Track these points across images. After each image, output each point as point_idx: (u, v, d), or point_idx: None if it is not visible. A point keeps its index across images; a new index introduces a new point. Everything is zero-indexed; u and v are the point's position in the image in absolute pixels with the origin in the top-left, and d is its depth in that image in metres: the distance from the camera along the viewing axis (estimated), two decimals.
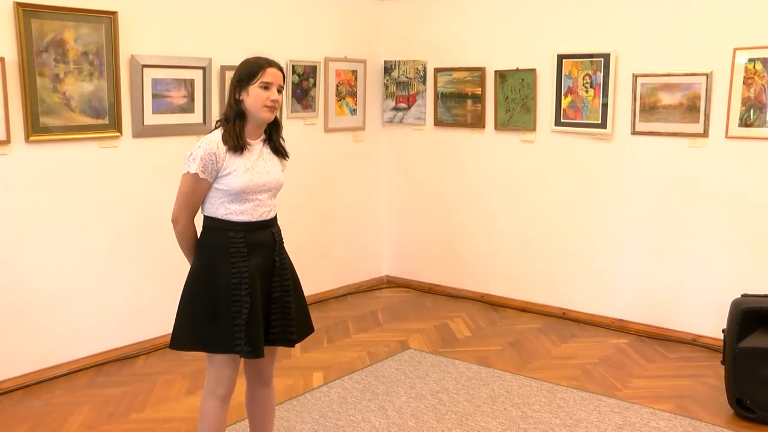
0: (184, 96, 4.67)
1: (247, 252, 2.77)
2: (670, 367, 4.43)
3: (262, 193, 2.82)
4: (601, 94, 4.95)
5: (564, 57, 5.09)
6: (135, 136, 4.49)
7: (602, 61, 4.92)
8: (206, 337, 2.76)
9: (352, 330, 5.11)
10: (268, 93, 2.76)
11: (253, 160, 2.80)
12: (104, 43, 4.25)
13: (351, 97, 5.85)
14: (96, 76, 4.25)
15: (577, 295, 5.28)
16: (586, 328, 5.13)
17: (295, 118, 5.44)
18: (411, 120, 6.01)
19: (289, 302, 2.88)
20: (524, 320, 5.32)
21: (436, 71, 5.79)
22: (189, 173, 2.73)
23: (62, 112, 4.14)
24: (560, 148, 5.24)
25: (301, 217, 5.52)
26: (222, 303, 2.74)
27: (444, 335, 5.01)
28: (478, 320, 5.32)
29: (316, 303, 5.52)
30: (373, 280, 6.26)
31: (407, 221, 6.18)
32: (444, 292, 5.97)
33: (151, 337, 4.67)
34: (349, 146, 5.93)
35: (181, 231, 2.83)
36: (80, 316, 4.36)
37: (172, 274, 4.43)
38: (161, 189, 4.49)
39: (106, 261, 4.45)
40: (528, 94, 5.30)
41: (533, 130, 5.33)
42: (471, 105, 5.63)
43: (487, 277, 5.74)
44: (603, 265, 5.14)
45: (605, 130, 4.98)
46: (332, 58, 5.64)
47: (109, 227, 4.45)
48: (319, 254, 5.75)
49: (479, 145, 5.65)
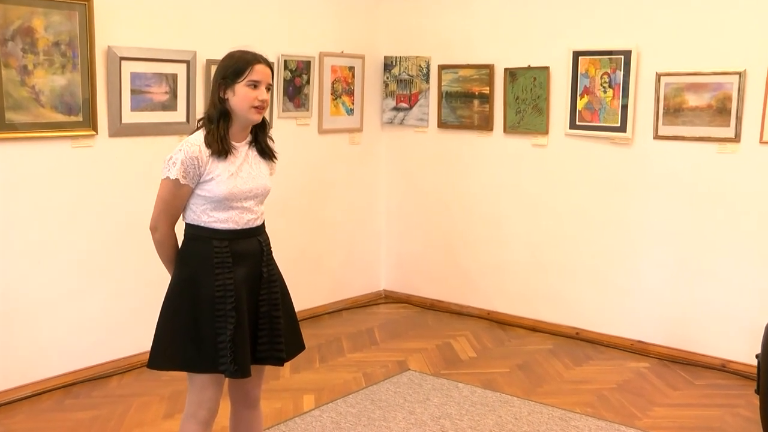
0: (166, 92, 4.66)
1: (232, 262, 2.77)
2: (696, 395, 4.40)
3: (248, 199, 2.82)
4: (620, 94, 4.94)
5: (580, 54, 5.09)
6: (111, 136, 4.47)
7: (622, 59, 4.92)
8: (188, 356, 2.75)
9: (346, 349, 5.10)
10: (257, 92, 2.76)
11: (237, 165, 2.79)
12: (78, 33, 4.24)
13: (348, 95, 5.84)
14: (69, 69, 4.23)
15: (592, 313, 5.27)
16: (603, 350, 5.11)
17: (287, 117, 5.43)
18: (413, 121, 6.01)
19: (277, 317, 2.87)
20: (534, 340, 5.31)
21: (441, 68, 5.79)
22: (169, 178, 2.73)
23: (31, 108, 4.12)
24: (575, 153, 5.23)
25: (292, 226, 5.51)
26: (205, 318, 2.73)
27: (447, 356, 4.99)
28: (484, 340, 5.31)
29: (307, 319, 5.52)
30: (369, 295, 6.25)
31: (407, 231, 6.17)
32: (447, 308, 5.96)
33: (126, 355, 4.64)
34: (345, 149, 5.93)
35: (160, 240, 2.83)
36: (47, 332, 4.33)
37: (151, 286, 4.41)
38: (140, 194, 4.48)
39: (77, 272, 4.42)
40: (540, 94, 5.30)
41: (546, 133, 5.33)
42: (478, 105, 5.63)
43: (493, 293, 5.73)
44: (621, 282, 5.12)
45: (625, 134, 4.97)
46: (328, 52, 5.64)
47: (82, 235, 4.42)
48: (311, 266, 5.74)
49: (487, 149, 5.65)
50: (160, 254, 2.86)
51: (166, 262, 2.87)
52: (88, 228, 4.44)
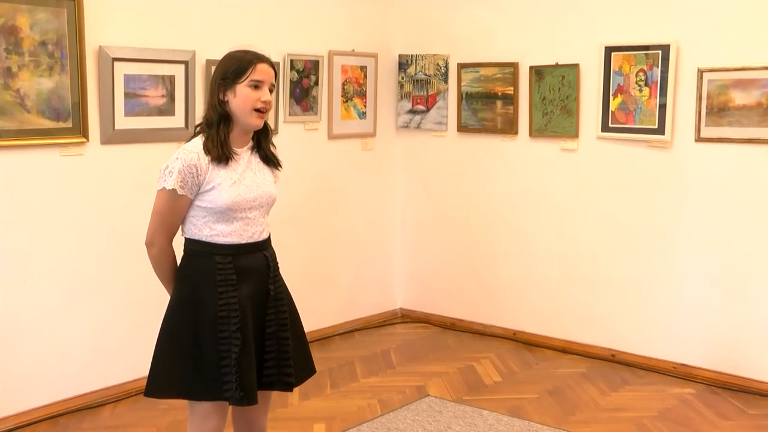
0: (163, 95, 4.67)
1: (236, 279, 2.79)
2: (750, 426, 4.35)
3: (252, 209, 2.84)
4: (658, 93, 4.93)
5: (613, 49, 5.08)
6: (104, 143, 4.49)
7: (660, 54, 4.91)
8: (189, 382, 2.76)
9: (360, 373, 5.10)
10: (259, 93, 2.79)
11: (240, 172, 2.82)
12: (66, 31, 4.25)
13: (359, 97, 5.85)
14: (56, 71, 4.25)
15: (629, 333, 5.24)
16: (641, 373, 5.08)
17: (294, 122, 5.45)
18: (430, 125, 6.01)
19: (286, 338, 2.89)
20: (565, 363, 5.30)
21: (460, 67, 5.80)
22: (165, 189, 2.76)
23: (15, 113, 4.13)
24: (608, 158, 5.22)
25: (299, 239, 5.51)
26: (207, 340, 2.75)
27: (469, 380, 4.99)
28: (510, 362, 5.31)
29: (316, 341, 5.51)
30: (384, 314, 6.26)
31: (425, 245, 6.17)
32: (469, 328, 5.96)
33: (119, 382, 4.64)
34: (357, 156, 5.94)
35: (157, 256, 2.85)
36: (32, 357, 4.31)
37: (147, 306, 4.41)
38: (134, 206, 4.48)
39: (66, 291, 4.42)
40: (569, 94, 5.30)
41: (575, 136, 5.33)
42: (501, 107, 5.63)
43: (520, 311, 5.72)
44: (661, 298, 5.09)
45: (663, 136, 4.96)
46: (337, 51, 5.65)
47: (71, 250, 4.42)
48: (320, 283, 5.74)
49: (511, 154, 5.65)
50: (158, 272, 2.88)
51: (164, 280, 2.89)
52: (77, 243, 4.44)
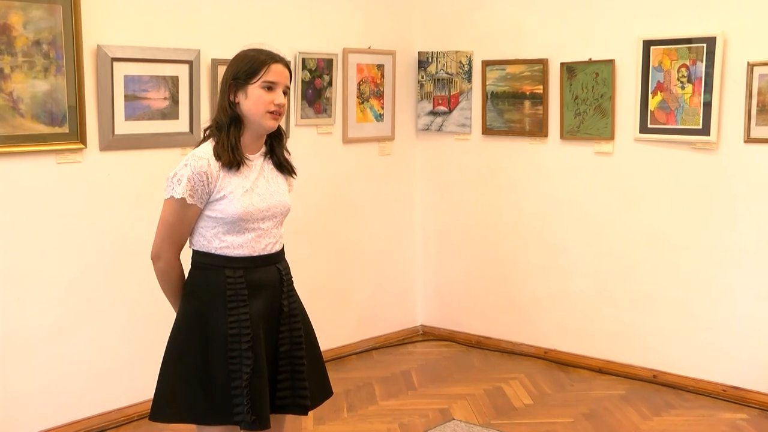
0: (166, 98, 4.69)
1: (247, 295, 2.81)
2: None
3: (265, 220, 2.86)
4: (702, 90, 4.91)
5: (652, 43, 5.07)
6: (103, 149, 4.50)
7: (704, 47, 4.88)
8: (197, 405, 2.77)
9: (378, 395, 5.10)
10: (272, 95, 2.82)
11: (252, 180, 2.84)
12: (62, 30, 4.27)
13: (376, 98, 5.86)
14: (52, 72, 4.26)
15: (673, 353, 5.21)
16: (687, 396, 5.04)
17: (306, 125, 5.46)
18: (453, 127, 6.02)
19: (300, 357, 2.91)
20: (602, 384, 5.27)
21: (485, 64, 5.80)
22: (173, 198, 2.78)
23: (8, 118, 4.14)
24: (647, 162, 5.21)
25: (311, 252, 5.52)
26: (217, 360, 2.77)
27: (497, 403, 4.98)
28: (542, 384, 5.30)
29: (332, 360, 5.52)
30: (404, 332, 6.26)
31: (448, 257, 6.16)
32: (496, 346, 5.95)
33: (120, 406, 4.64)
34: (374, 161, 5.95)
35: (163, 270, 2.87)
36: (27, 379, 4.31)
37: (151, 324, 4.41)
38: (136, 216, 4.51)
39: (63, 308, 4.42)
40: (604, 92, 5.30)
41: (611, 138, 5.32)
42: (530, 107, 5.64)
43: (552, 329, 5.71)
44: (709, 315, 5.06)
45: (708, 137, 4.93)
46: (353, 49, 5.66)
47: (69, 265, 4.43)
48: (335, 299, 5.75)
49: (540, 158, 5.65)
50: (164, 287, 2.90)
51: (171, 296, 2.91)
52: (75, 257, 4.44)
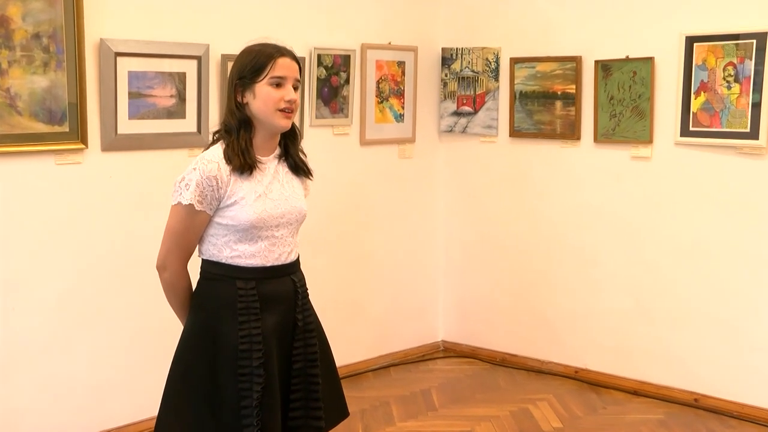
0: (172, 95, 4.71)
1: (259, 308, 2.81)
2: None
3: (279, 227, 2.87)
4: (750, 90, 4.89)
5: (695, 40, 5.06)
6: (105, 149, 4.52)
7: (754, 44, 4.87)
8: (203, 425, 2.78)
9: (396, 416, 5.11)
10: (282, 92, 2.83)
11: (266, 184, 2.85)
12: (63, 23, 4.28)
13: (396, 97, 5.87)
14: (52, 67, 4.28)
15: (716, 375, 5.19)
16: (732, 423, 5.02)
17: (322, 125, 5.47)
18: (478, 129, 6.02)
19: (315, 375, 2.92)
20: (638, 408, 5.26)
21: (513, 62, 5.81)
22: (181, 204, 2.79)
23: (5, 116, 4.16)
24: (688, 167, 5.20)
25: (326, 262, 5.53)
26: (226, 377, 2.78)
27: (524, 425, 4.98)
28: (572, 406, 5.29)
29: (347, 377, 5.50)
30: (424, 348, 6.27)
31: (472, 268, 6.17)
32: (523, 365, 5.95)
33: (121, 425, 4.66)
34: (393, 164, 5.96)
35: (169, 281, 2.88)
36: (21, 395, 4.33)
37: (156, 338, 4.43)
38: (140, 221, 4.52)
39: (61, 320, 4.43)
40: (642, 92, 5.29)
41: (649, 142, 5.31)
42: (561, 108, 5.64)
43: (583, 347, 5.70)
44: (754, 333, 5.04)
45: (757, 141, 4.91)
46: (372, 44, 5.68)
47: (68, 273, 4.44)
48: (351, 312, 5.76)
49: (572, 163, 5.64)
50: (170, 299, 2.91)
51: (177, 308, 2.92)
52: (75, 264, 4.46)
